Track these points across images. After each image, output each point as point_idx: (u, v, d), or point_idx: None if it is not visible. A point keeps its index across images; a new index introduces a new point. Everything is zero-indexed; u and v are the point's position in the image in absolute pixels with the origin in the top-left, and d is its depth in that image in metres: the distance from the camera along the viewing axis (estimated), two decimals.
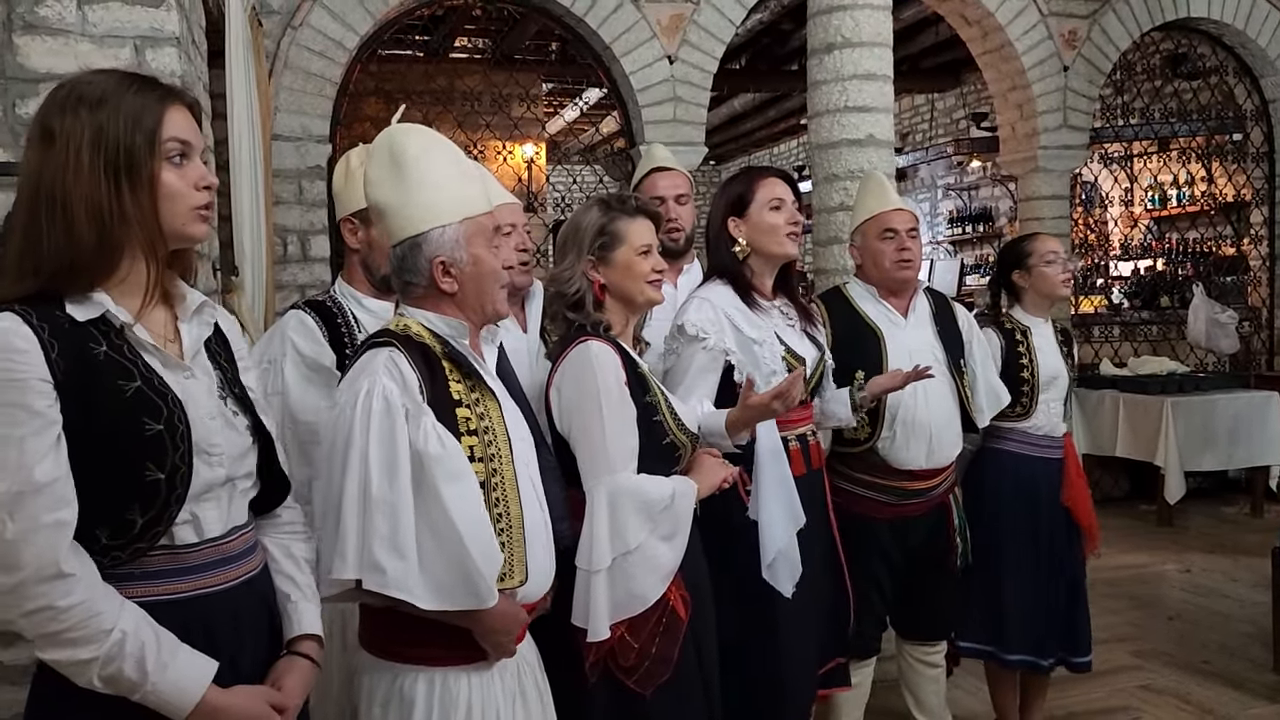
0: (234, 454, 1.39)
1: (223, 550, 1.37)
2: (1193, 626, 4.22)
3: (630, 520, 1.84)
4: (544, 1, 5.17)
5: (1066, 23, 5.98)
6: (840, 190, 3.63)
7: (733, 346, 2.28)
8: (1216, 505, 6.30)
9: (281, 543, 1.50)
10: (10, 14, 2.48)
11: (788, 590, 2.20)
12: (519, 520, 1.61)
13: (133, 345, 1.31)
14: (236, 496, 1.40)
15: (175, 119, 1.34)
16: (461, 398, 1.60)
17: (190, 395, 1.34)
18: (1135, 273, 8.03)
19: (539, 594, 1.69)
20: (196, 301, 1.42)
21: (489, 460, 1.59)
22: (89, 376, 1.25)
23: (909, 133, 10.77)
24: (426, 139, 1.68)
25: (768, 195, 2.38)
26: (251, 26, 3.67)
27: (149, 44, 2.57)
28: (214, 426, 1.36)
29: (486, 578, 1.50)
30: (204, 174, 1.37)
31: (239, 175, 3.20)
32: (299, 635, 1.46)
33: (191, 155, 1.36)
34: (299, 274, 4.85)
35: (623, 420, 1.89)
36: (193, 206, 1.36)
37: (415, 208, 1.63)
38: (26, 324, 1.23)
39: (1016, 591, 2.92)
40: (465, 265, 1.63)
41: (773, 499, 2.19)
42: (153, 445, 1.27)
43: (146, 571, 1.30)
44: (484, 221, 1.66)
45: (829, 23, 3.61)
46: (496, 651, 1.61)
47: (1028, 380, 2.97)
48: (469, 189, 1.67)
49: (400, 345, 1.58)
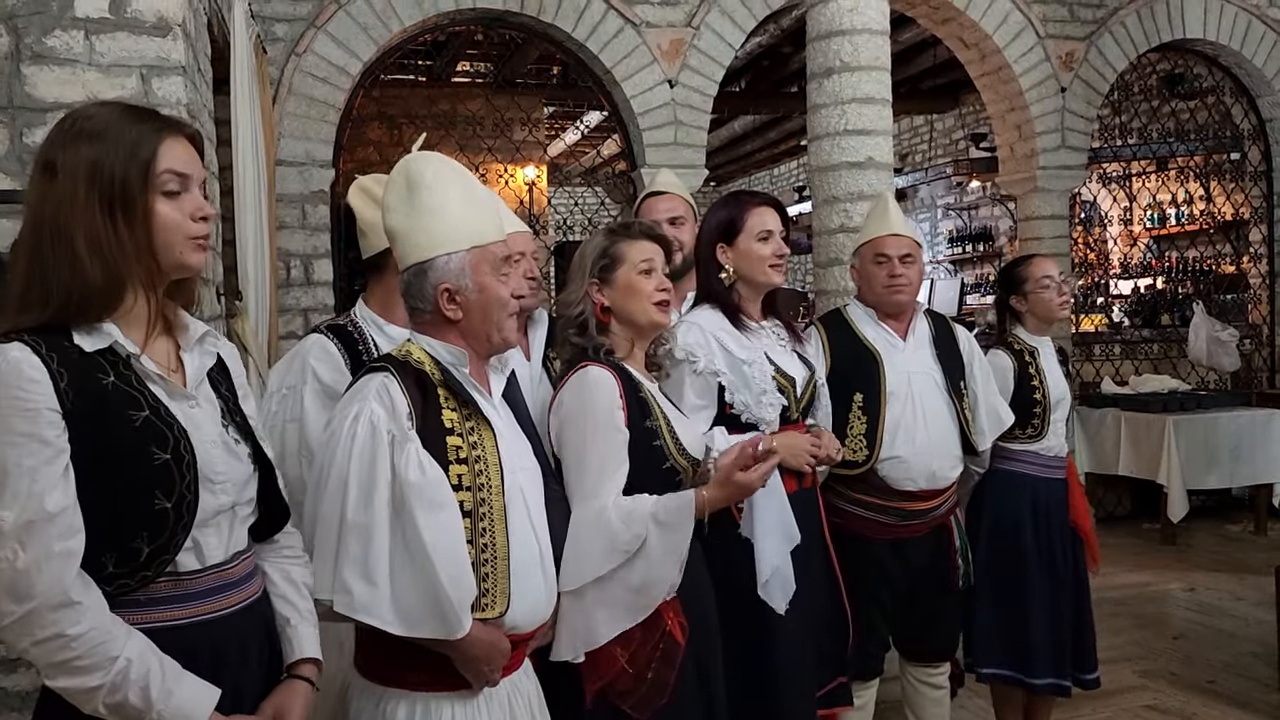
0: (237, 481, 1.40)
1: (225, 576, 1.38)
2: (1198, 646, 4.21)
3: (593, 552, 1.83)
4: (545, 27, 5.22)
5: (1064, 44, 6.03)
6: (840, 212, 3.65)
7: (722, 368, 2.30)
8: (1220, 523, 6.29)
9: (281, 567, 1.51)
10: (19, 44, 2.51)
11: (781, 607, 2.20)
12: (504, 551, 1.60)
13: (139, 375, 1.32)
14: (238, 523, 1.41)
15: (172, 150, 1.35)
16: (454, 426, 1.61)
17: (195, 424, 1.35)
18: (1135, 291, 8.04)
19: (531, 625, 1.68)
20: (199, 332, 1.44)
21: (477, 490, 1.59)
22: (97, 406, 1.27)
23: (908, 153, 10.82)
24: (441, 167, 1.69)
25: (757, 225, 2.39)
26: (256, 54, 3.71)
27: (155, 73, 2.61)
28: (218, 455, 1.37)
29: (456, 607, 1.51)
30: (201, 205, 1.38)
31: (243, 200, 3.23)
32: (298, 659, 1.47)
33: (189, 186, 1.37)
34: (302, 298, 4.87)
35: (608, 446, 1.89)
36: (189, 236, 1.36)
37: (423, 234, 1.65)
38: (36, 354, 1.24)
39: (1040, 614, 2.91)
40: (471, 293, 1.64)
41: (766, 517, 2.19)
42: (161, 474, 1.29)
43: (152, 598, 1.31)
44: (493, 250, 1.67)
45: (828, 47, 3.65)
46: (477, 681, 1.60)
47: (1040, 401, 2.97)
48: (479, 217, 1.68)
49: (396, 371, 1.60)
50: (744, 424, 2.29)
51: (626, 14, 5.27)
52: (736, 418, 2.29)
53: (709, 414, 2.29)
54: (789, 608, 2.21)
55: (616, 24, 5.27)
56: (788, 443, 2.28)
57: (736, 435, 2.22)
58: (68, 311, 1.28)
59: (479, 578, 1.57)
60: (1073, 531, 3.03)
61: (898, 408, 2.64)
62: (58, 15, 2.53)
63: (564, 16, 5.16)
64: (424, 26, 5.12)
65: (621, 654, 1.85)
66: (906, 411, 2.62)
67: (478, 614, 1.56)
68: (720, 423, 2.28)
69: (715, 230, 2.43)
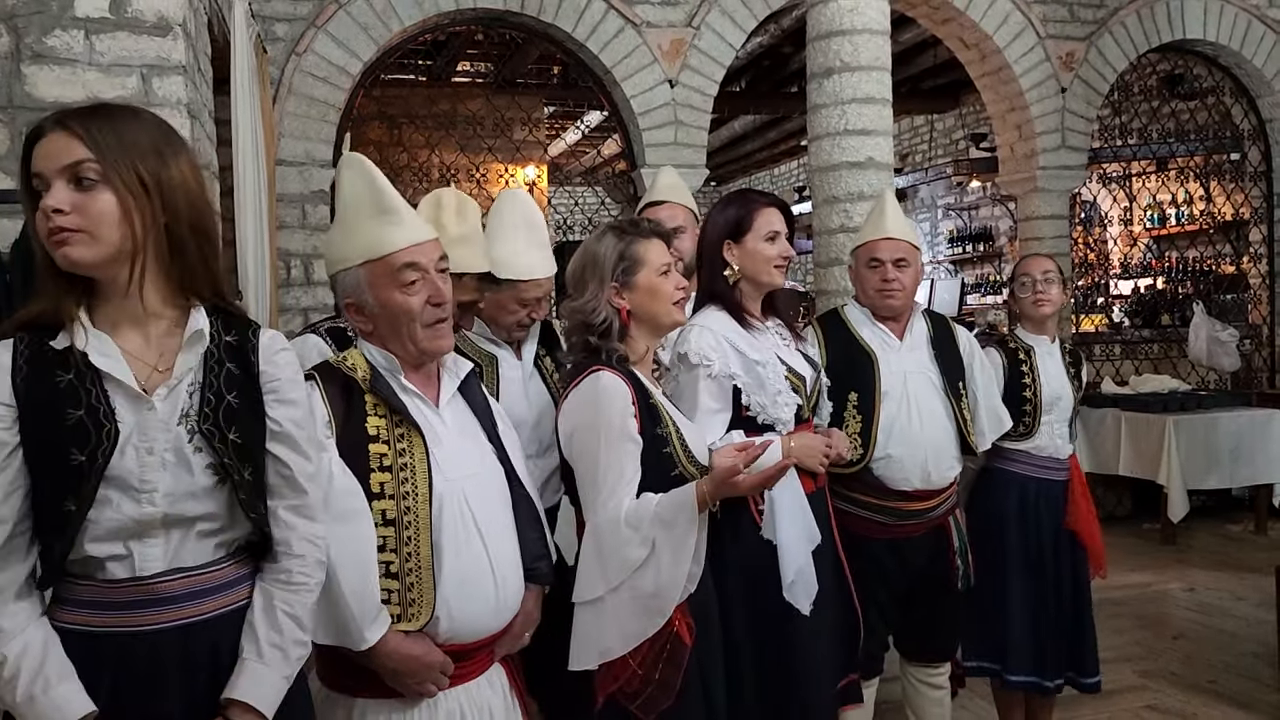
0: (174, 493, 1.33)
1: (153, 591, 1.32)
2: (1198, 646, 4.21)
3: (609, 561, 1.83)
4: (546, 27, 5.22)
5: (1064, 45, 6.03)
6: (840, 212, 3.65)
7: (737, 370, 2.28)
8: (1220, 523, 6.28)
9: (265, 589, 1.42)
10: (19, 44, 2.51)
11: (806, 609, 2.19)
12: (428, 561, 1.58)
13: (100, 374, 1.33)
14: (192, 537, 1.35)
15: (39, 151, 1.32)
16: (380, 433, 1.60)
17: (142, 428, 1.33)
18: (1135, 291, 8.04)
19: (475, 635, 1.65)
20: (193, 329, 1.39)
21: (401, 498, 1.58)
22: (46, 401, 1.31)
23: (909, 153, 10.82)
24: (352, 174, 1.69)
25: (765, 226, 2.38)
26: (256, 54, 3.71)
27: (155, 73, 2.61)
28: (150, 462, 1.32)
29: (358, 619, 1.51)
30: (51, 201, 1.30)
31: (243, 200, 3.22)
32: (226, 698, 1.35)
33: (52, 181, 1.31)
34: (302, 297, 4.87)
35: (622, 453, 1.87)
36: (46, 235, 1.31)
37: (330, 247, 1.69)
38: (12, 349, 1.32)
39: (1019, 612, 2.94)
40: (372, 307, 1.64)
41: (788, 518, 2.18)
42: (73, 476, 1.30)
43: (79, 600, 1.34)
44: (392, 261, 1.61)
45: (828, 47, 3.64)
46: (407, 692, 1.58)
47: (1030, 400, 2.99)
48: (378, 228, 1.63)
49: (321, 380, 1.60)
50: (760, 425, 2.27)
51: (627, 14, 5.27)
52: (753, 419, 2.27)
53: (724, 417, 2.26)
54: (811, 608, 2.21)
55: (617, 24, 5.27)
56: (803, 443, 2.28)
57: (755, 437, 2.19)
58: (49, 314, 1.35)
59: (403, 586, 1.56)
60: (1070, 535, 3.02)
61: (892, 407, 2.64)
62: (58, 15, 2.53)
63: (564, 16, 5.16)
64: (424, 26, 5.12)
65: (632, 657, 1.84)
66: (901, 411, 2.62)
67: (400, 625, 1.55)
68: (736, 425, 2.26)
69: (723, 227, 2.41)
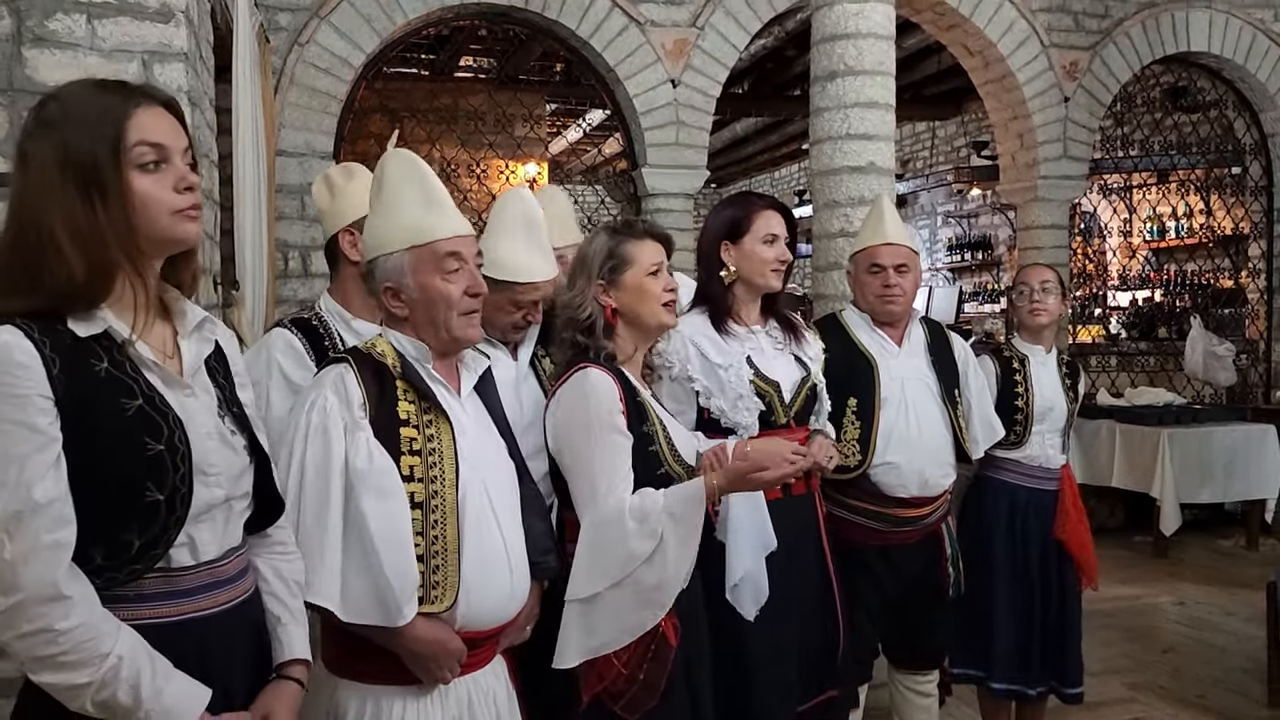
0: (232, 474, 1.36)
1: (217, 573, 1.34)
2: (1187, 660, 4.21)
3: (611, 557, 1.82)
4: (549, 24, 5.21)
5: (1068, 54, 6.03)
6: (840, 216, 3.64)
7: (696, 373, 2.29)
8: (1212, 538, 6.29)
9: (272, 563, 1.49)
10: (20, 27, 2.50)
11: (750, 613, 2.18)
12: (454, 545, 1.60)
13: (134, 362, 1.28)
14: (233, 518, 1.38)
15: (143, 121, 1.27)
16: (410, 418, 1.62)
17: (190, 414, 1.32)
18: (1133, 303, 8.05)
19: (490, 623, 1.67)
20: (197, 318, 1.39)
21: (430, 482, 1.60)
22: (90, 393, 1.23)
23: (910, 159, 10.82)
24: (403, 166, 1.71)
25: (764, 228, 2.38)
26: (259, 43, 3.70)
27: (157, 59, 2.59)
28: (212, 446, 1.33)
29: (398, 595, 1.53)
30: (184, 175, 1.30)
31: (242, 190, 3.21)
32: (287, 660, 1.45)
33: (169, 157, 1.29)
34: (300, 289, 4.86)
35: (613, 449, 1.87)
36: (174, 210, 1.29)
37: (372, 233, 1.70)
38: (28, 338, 1.20)
39: (1004, 620, 2.95)
40: (412, 292, 1.66)
41: (740, 522, 2.17)
42: (154, 465, 1.25)
43: (141, 594, 1.27)
44: (437, 248, 1.66)
45: (832, 50, 3.64)
46: (425, 677, 1.60)
47: (1021, 409, 2.99)
48: (426, 216, 1.67)
49: (354, 363, 1.63)
50: (723, 429, 2.29)
51: (631, 12, 5.26)
52: (716, 422, 2.29)
53: (689, 418, 2.29)
54: (768, 614, 2.19)
55: (620, 22, 5.26)
56: (765, 449, 2.22)
57: (714, 439, 2.21)
58: (58, 301, 1.24)
59: (428, 569, 1.58)
60: (1059, 545, 3.02)
61: (891, 413, 2.63)
62: None
63: (568, 13, 5.15)
64: (427, 20, 5.11)
65: (617, 656, 1.84)
66: (900, 417, 2.62)
67: (424, 606, 1.57)
68: (700, 427, 2.28)
69: (721, 227, 2.41)
